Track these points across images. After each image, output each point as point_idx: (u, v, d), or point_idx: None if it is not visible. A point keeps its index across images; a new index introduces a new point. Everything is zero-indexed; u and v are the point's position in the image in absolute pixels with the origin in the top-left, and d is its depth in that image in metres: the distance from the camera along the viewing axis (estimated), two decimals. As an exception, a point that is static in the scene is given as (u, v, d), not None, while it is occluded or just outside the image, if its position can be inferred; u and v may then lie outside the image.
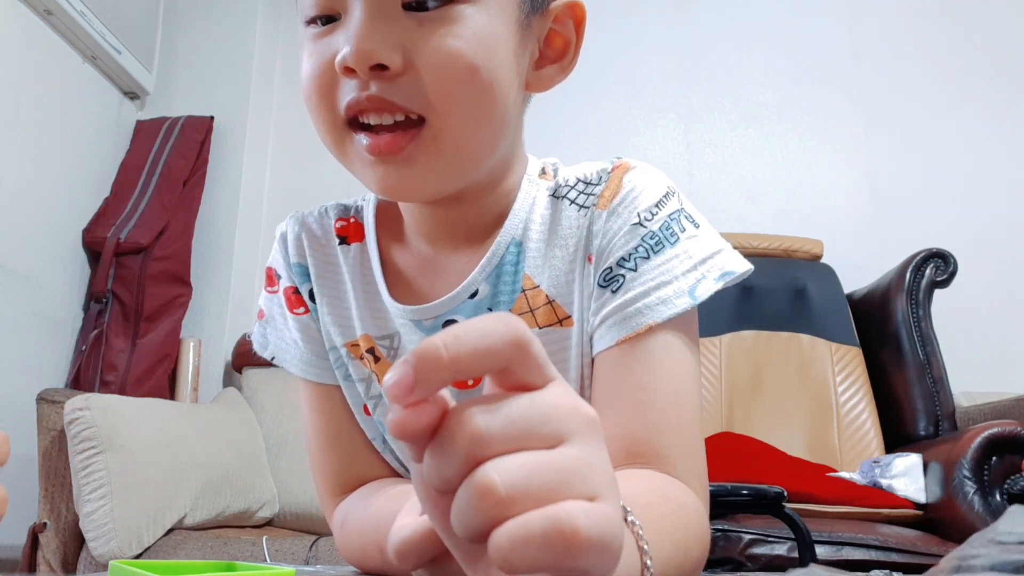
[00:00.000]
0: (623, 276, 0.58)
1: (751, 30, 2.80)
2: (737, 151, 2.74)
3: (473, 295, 0.61)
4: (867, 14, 2.75)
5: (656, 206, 0.60)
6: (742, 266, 0.60)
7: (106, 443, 1.69)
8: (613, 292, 0.58)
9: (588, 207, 0.62)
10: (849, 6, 2.77)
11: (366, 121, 0.53)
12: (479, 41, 0.51)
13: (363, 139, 0.53)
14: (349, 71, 0.51)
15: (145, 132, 2.64)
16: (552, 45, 0.60)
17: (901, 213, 2.57)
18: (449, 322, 0.61)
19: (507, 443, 0.25)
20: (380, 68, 0.50)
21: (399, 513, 0.37)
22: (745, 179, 2.70)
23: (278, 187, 2.83)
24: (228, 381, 2.54)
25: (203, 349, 2.49)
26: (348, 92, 0.52)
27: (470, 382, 0.59)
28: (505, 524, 0.24)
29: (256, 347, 0.71)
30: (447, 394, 0.27)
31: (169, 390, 2.38)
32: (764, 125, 2.73)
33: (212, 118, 2.65)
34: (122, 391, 2.23)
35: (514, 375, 0.27)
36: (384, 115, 0.52)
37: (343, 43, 0.51)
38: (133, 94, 2.69)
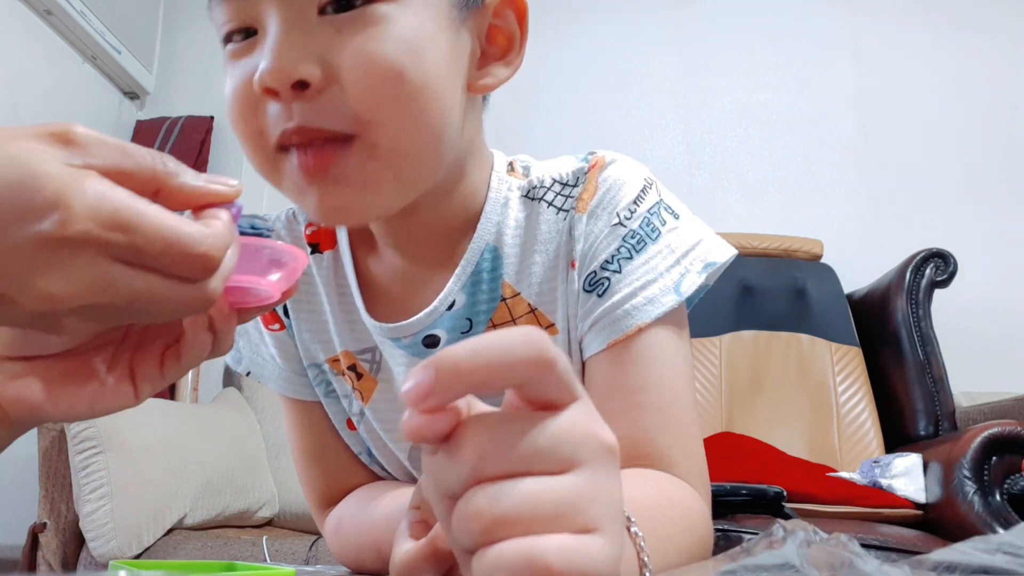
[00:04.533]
0: (608, 279, 0.57)
1: (751, 30, 2.80)
2: (737, 151, 2.74)
3: (450, 306, 0.60)
4: (867, 14, 2.75)
5: (635, 203, 0.59)
6: (725, 254, 0.59)
7: (106, 443, 1.69)
8: (599, 296, 0.57)
9: (567, 210, 0.60)
10: (849, 6, 2.77)
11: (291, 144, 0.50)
12: (403, 42, 0.48)
13: (293, 160, 0.50)
14: (270, 91, 0.48)
15: (145, 132, 2.64)
16: (495, 42, 0.56)
17: (901, 213, 2.57)
18: (428, 337, 0.60)
19: (509, 466, 0.25)
20: (301, 86, 0.47)
21: (397, 535, 0.38)
22: (745, 179, 2.70)
23: (278, 187, 2.84)
24: (228, 381, 2.54)
25: (203, 349, 2.48)
26: (275, 121, 0.49)
27: None
28: (487, 548, 0.25)
29: (229, 361, 0.69)
30: (465, 402, 0.27)
31: (169, 390, 2.38)
32: (764, 125, 2.73)
33: (212, 118, 2.66)
34: (122, 391, 2.22)
35: (535, 392, 0.27)
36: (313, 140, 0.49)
37: (259, 60, 0.48)
38: (133, 94, 2.69)
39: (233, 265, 0.35)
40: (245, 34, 0.51)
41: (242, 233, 0.38)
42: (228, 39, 0.52)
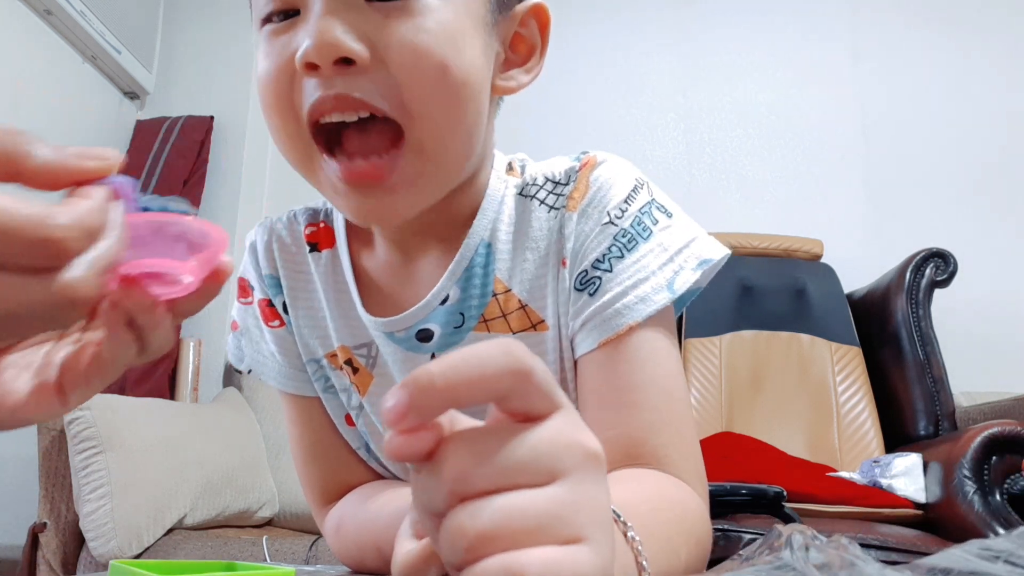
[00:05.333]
0: (599, 278, 0.57)
1: (751, 30, 2.80)
2: (737, 151, 2.74)
3: (444, 301, 0.60)
4: (867, 14, 2.75)
5: (625, 202, 0.58)
6: (719, 252, 0.58)
7: (106, 443, 1.69)
8: (591, 295, 0.57)
9: (558, 208, 0.60)
10: (849, 6, 2.77)
11: (328, 120, 0.50)
12: (447, 36, 0.49)
13: (334, 165, 0.50)
14: (311, 67, 0.47)
15: (145, 132, 2.64)
16: (517, 49, 0.58)
17: (901, 213, 2.57)
18: (422, 331, 0.61)
19: (492, 482, 0.25)
20: (345, 63, 0.47)
21: (399, 533, 0.38)
22: (745, 179, 2.70)
23: (278, 187, 2.84)
24: (228, 381, 2.54)
25: (203, 349, 2.49)
26: (310, 93, 0.49)
27: None
28: (472, 566, 0.24)
29: (232, 359, 0.70)
30: (447, 418, 0.27)
31: (169, 390, 2.38)
32: (764, 125, 2.73)
33: (212, 118, 2.66)
34: (122, 391, 2.23)
35: (516, 404, 0.27)
36: (348, 112, 0.49)
37: (303, 37, 0.48)
38: (133, 94, 2.69)
39: (111, 250, 0.30)
40: (285, 15, 0.51)
41: (148, 212, 0.34)
42: (267, 20, 0.52)
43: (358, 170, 0.50)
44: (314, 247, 0.65)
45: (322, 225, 0.66)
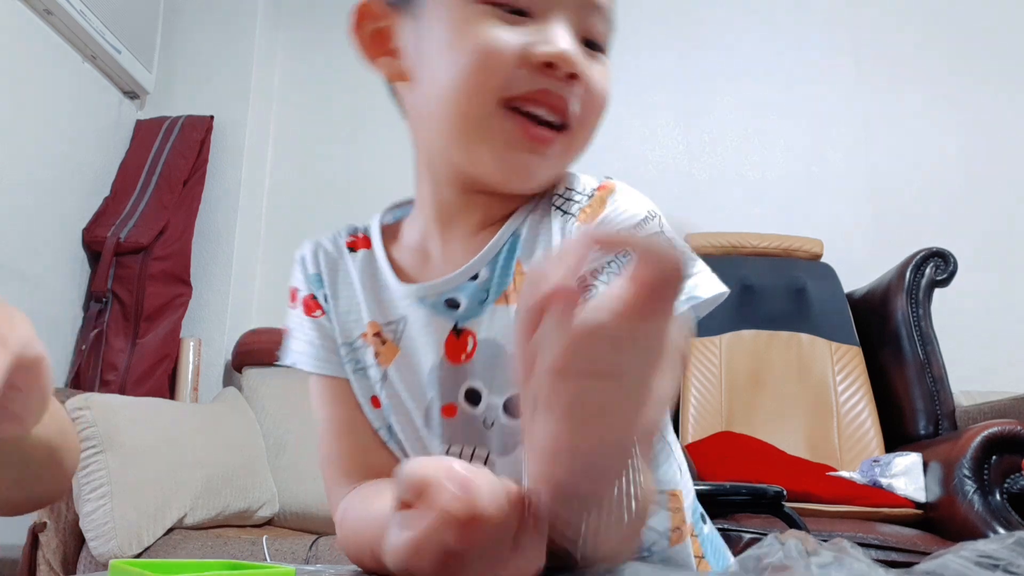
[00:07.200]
0: (595, 287, 0.59)
1: (751, 29, 2.80)
2: (737, 151, 2.74)
3: (474, 278, 0.65)
4: (867, 14, 2.75)
5: (635, 228, 0.63)
6: (713, 290, 0.61)
7: (106, 443, 1.69)
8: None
9: (572, 215, 0.66)
10: (849, 6, 2.77)
11: (527, 111, 0.59)
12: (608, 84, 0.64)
13: (519, 120, 0.59)
14: (550, 66, 0.57)
15: (145, 132, 2.64)
16: None
17: (901, 213, 2.57)
18: (450, 300, 0.66)
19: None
20: (572, 78, 0.59)
21: (389, 525, 0.39)
22: (745, 179, 2.70)
23: (278, 187, 2.84)
24: (228, 381, 2.54)
25: (203, 349, 2.49)
26: (525, 81, 0.58)
27: (463, 357, 0.65)
28: None
29: (284, 361, 0.76)
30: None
31: (169, 390, 2.38)
32: (764, 125, 2.73)
33: (212, 117, 2.65)
34: (122, 391, 2.23)
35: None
36: (554, 114, 0.60)
37: (550, 40, 0.58)
38: (133, 94, 2.69)
39: None
40: (510, 9, 0.59)
41: None
42: (493, 3, 0.59)
43: (537, 132, 0.60)
44: (352, 250, 0.74)
45: (360, 236, 0.75)
